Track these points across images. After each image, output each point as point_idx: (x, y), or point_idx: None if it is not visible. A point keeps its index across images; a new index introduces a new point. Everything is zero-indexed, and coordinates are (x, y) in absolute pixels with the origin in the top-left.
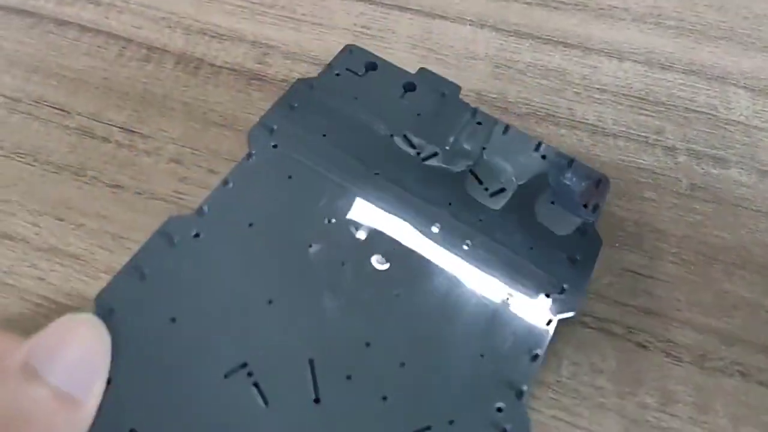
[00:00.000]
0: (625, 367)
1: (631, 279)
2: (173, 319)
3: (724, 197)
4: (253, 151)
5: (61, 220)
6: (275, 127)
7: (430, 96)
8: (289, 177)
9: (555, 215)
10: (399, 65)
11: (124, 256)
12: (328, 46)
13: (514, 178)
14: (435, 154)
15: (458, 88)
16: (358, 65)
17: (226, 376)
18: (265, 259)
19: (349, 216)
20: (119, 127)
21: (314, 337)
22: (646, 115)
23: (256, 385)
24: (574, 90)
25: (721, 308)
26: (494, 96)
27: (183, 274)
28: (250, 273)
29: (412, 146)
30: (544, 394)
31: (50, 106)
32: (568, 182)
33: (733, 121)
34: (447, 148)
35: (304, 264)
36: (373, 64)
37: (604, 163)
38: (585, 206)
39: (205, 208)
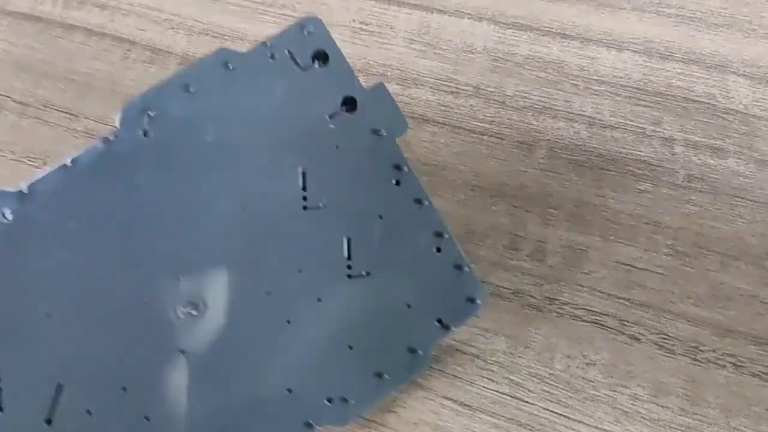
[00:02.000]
0: (617, 359)
1: (625, 272)
2: None
3: (721, 188)
4: (116, 135)
5: None
6: (153, 113)
7: (363, 128)
8: (138, 185)
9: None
10: (397, 60)
11: None
12: None
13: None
14: (318, 208)
15: (404, 126)
16: (302, 50)
17: None
18: (65, 268)
19: (176, 250)
20: None
21: (69, 365)
22: (644, 106)
23: None
24: (572, 82)
25: (716, 300)
26: (492, 90)
27: None
28: (39, 282)
29: (303, 187)
30: (537, 387)
31: (58, 110)
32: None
33: (732, 110)
34: (339, 201)
35: (104, 286)
36: (323, 54)
37: (601, 155)
38: (440, 322)
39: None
